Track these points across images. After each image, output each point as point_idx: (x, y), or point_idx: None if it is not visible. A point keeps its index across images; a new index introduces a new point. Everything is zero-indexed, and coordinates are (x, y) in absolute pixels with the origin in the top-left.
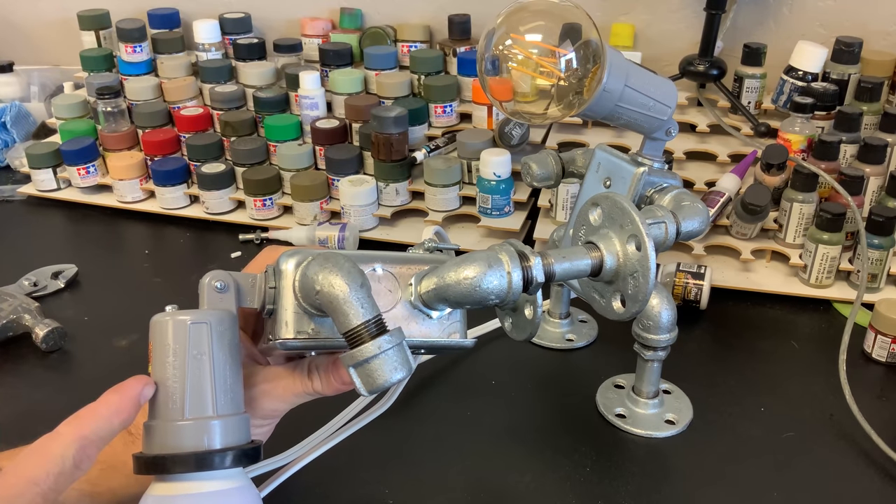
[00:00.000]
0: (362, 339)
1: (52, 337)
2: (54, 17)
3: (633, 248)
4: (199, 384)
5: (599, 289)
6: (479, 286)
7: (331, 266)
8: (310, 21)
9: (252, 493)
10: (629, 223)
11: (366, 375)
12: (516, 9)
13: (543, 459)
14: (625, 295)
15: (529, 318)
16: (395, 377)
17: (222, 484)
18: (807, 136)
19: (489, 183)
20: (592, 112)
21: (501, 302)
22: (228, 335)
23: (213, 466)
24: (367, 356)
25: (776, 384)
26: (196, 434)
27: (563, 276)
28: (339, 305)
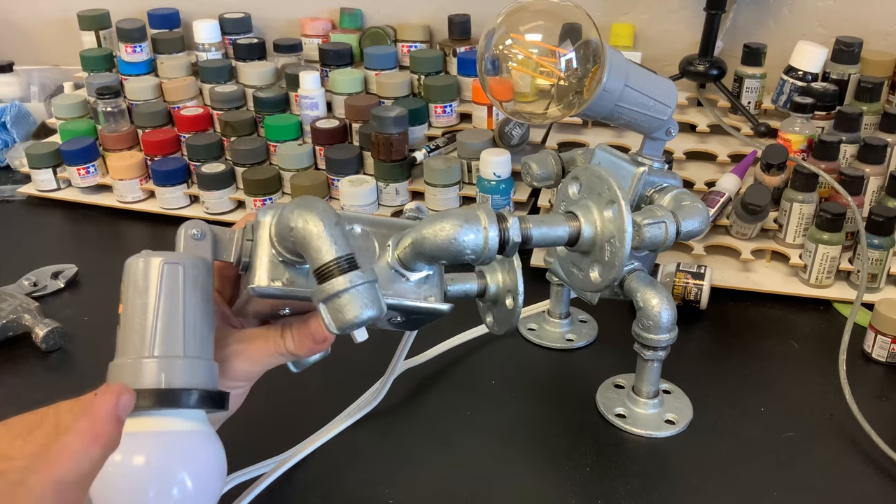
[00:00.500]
0: (333, 273)
1: (52, 337)
2: (54, 17)
3: (610, 213)
4: (168, 323)
5: (577, 261)
6: (455, 238)
7: (307, 204)
8: (310, 21)
9: (214, 442)
10: (607, 189)
11: (335, 311)
12: (516, 9)
13: (543, 459)
14: (601, 262)
15: (510, 309)
16: (366, 314)
17: (185, 425)
18: (807, 136)
19: (489, 183)
20: (592, 112)
21: (477, 258)
22: (202, 280)
23: (176, 404)
24: (338, 289)
25: (776, 384)
26: (162, 370)
27: (540, 241)
28: (312, 240)
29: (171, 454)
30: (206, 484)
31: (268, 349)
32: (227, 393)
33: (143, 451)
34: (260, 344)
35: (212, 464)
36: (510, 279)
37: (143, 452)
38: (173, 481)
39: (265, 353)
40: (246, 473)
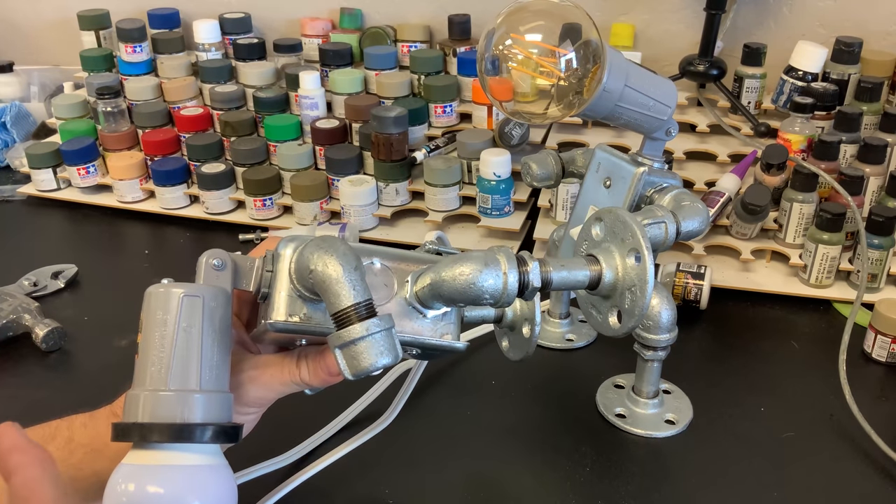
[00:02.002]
0: (350, 320)
1: (52, 337)
2: (54, 17)
3: (632, 261)
4: (185, 356)
5: (597, 304)
6: (474, 283)
7: (327, 247)
8: (310, 21)
9: (227, 475)
10: (630, 236)
11: (351, 357)
12: (516, 9)
13: (543, 459)
14: (621, 309)
15: (527, 338)
16: (381, 362)
17: (199, 459)
18: (807, 136)
19: (489, 183)
20: (592, 112)
21: (496, 303)
22: (220, 312)
23: (192, 439)
24: (354, 337)
25: (776, 384)
26: (177, 405)
27: (560, 285)
28: (331, 285)
29: (185, 487)
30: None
31: (282, 377)
32: (240, 426)
33: (157, 482)
34: (274, 371)
35: (223, 496)
36: (528, 308)
37: (158, 484)
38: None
39: (279, 380)
40: (247, 474)
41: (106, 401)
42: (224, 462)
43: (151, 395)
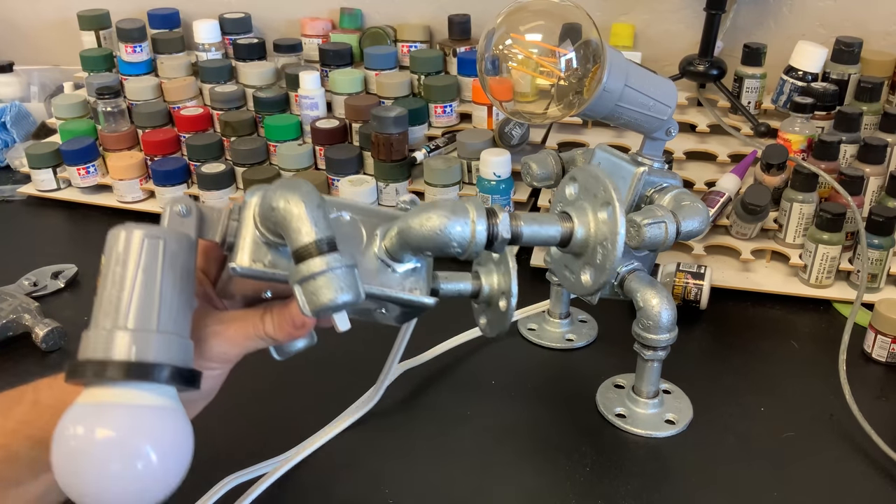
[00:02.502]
0: (311, 254)
1: (52, 337)
2: (54, 17)
3: (604, 215)
4: (145, 297)
5: (569, 263)
6: (441, 230)
7: (291, 185)
8: (310, 21)
9: (184, 421)
10: (602, 191)
11: (310, 293)
12: (516, 9)
13: (543, 459)
14: (593, 265)
15: (503, 311)
16: (341, 298)
17: (155, 400)
18: (807, 136)
19: (489, 183)
20: (592, 112)
21: (463, 252)
22: (182, 257)
23: (148, 377)
24: (314, 271)
25: (776, 384)
26: (134, 343)
27: (531, 240)
28: (292, 221)
29: (138, 428)
30: (172, 461)
31: (246, 331)
32: (199, 372)
33: (108, 423)
34: (239, 325)
35: (179, 441)
36: (504, 281)
37: (109, 425)
38: (138, 455)
39: (243, 335)
40: (247, 473)
41: None
42: (181, 407)
43: (108, 333)
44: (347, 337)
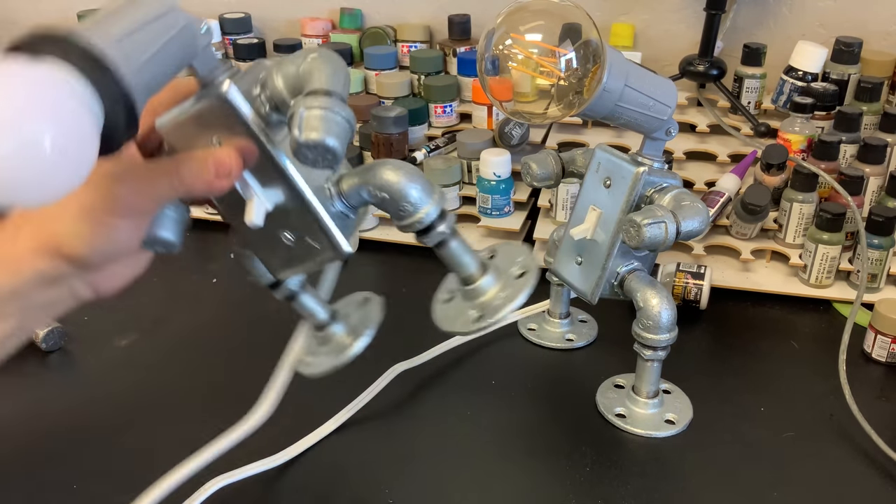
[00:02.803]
0: (326, 94)
1: (52, 337)
2: (54, 17)
3: (518, 277)
4: (129, 23)
5: (465, 298)
6: (409, 182)
7: (324, 51)
8: (310, 21)
9: (85, 108)
10: (521, 258)
11: (308, 120)
12: (516, 9)
13: (544, 459)
14: (484, 312)
15: (345, 350)
16: (329, 141)
17: (57, 74)
18: (807, 136)
19: (489, 183)
20: (592, 112)
21: (406, 217)
22: (184, 49)
23: (60, 52)
24: (323, 105)
25: (776, 384)
26: (84, 29)
27: (453, 252)
28: (316, 72)
29: (33, 102)
30: (74, 145)
31: (157, 177)
32: (124, 86)
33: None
34: (151, 170)
35: (82, 125)
36: (363, 323)
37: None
38: (30, 133)
39: (152, 180)
40: (243, 473)
41: (106, 400)
42: (92, 98)
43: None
44: None
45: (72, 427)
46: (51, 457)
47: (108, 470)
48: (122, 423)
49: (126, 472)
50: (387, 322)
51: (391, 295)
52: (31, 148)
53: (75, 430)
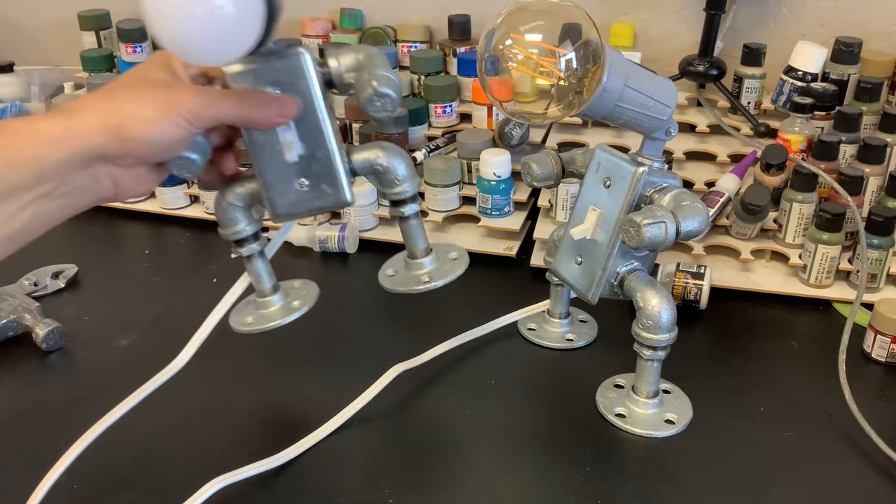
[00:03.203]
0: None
1: (53, 337)
2: (54, 17)
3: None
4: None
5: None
6: (394, 161)
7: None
8: (310, 21)
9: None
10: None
11: (376, 78)
12: (516, 9)
13: (543, 459)
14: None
15: (273, 312)
16: (389, 90)
17: None
18: (806, 136)
19: (489, 183)
20: (592, 112)
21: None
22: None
23: None
24: (389, 73)
25: (776, 384)
26: None
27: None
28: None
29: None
30: (249, 12)
31: (228, 95)
32: None
33: None
34: (223, 91)
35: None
36: (301, 294)
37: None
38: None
39: (223, 97)
40: (243, 473)
41: (106, 401)
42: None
43: None
44: (345, 337)
45: (72, 427)
46: (51, 457)
47: (109, 470)
48: (122, 422)
49: (126, 471)
50: (387, 322)
51: (391, 295)
52: (218, 11)
53: (75, 429)
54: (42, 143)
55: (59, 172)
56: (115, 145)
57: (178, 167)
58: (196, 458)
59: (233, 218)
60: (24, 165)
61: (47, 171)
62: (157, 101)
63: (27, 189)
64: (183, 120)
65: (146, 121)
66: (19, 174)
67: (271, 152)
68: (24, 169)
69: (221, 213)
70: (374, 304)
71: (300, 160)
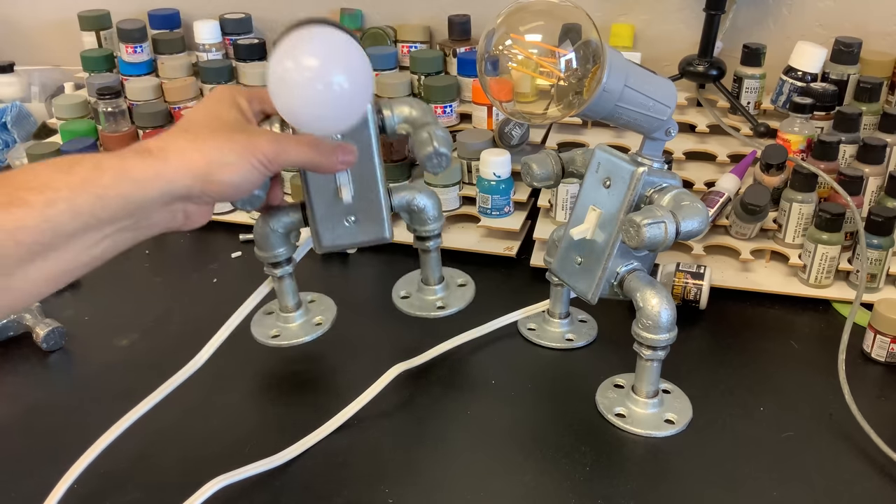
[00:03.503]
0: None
1: (53, 337)
2: (55, 18)
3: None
4: None
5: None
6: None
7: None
8: None
9: (364, 56)
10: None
11: (436, 134)
12: (516, 9)
13: (543, 459)
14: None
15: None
16: (443, 149)
17: (343, 36)
18: (806, 136)
19: (489, 183)
20: (592, 112)
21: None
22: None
23: (326, 22)
24: (443, 132)
25: (776, 384)
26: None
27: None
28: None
29: (334, 58)
30: (360, 86)
31: (300, 143)
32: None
33: (310, 51)
34: (295, 138)
35: (365, 71)
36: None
37: (312, 54)
38: (334, 80)
39: (296, 144)
40: (243, 473)
41: (106, 401)
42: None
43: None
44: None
45: (72, 427)
46: (51, 457)
47: (109, 470)
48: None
49: (126, 471)
50: (387, 322)
51: (390, 295)
52: (337, 87)
53: (75, 429)
54: (131, 181)
55: (143, 209)
56: (198, 188)
57: (244, 203)
58: (196, 458)
59: (273, 243)
60: (113, 201)
61: (133, 207)
62: (238, 146)
63: (111, 223)
64: (261, 165)
65: (229, 165)
66: (106, 209)
67: (326, 191)
68: (113, 205)
69: (263, 238)
70: (373, 304)
71: (351, 199)
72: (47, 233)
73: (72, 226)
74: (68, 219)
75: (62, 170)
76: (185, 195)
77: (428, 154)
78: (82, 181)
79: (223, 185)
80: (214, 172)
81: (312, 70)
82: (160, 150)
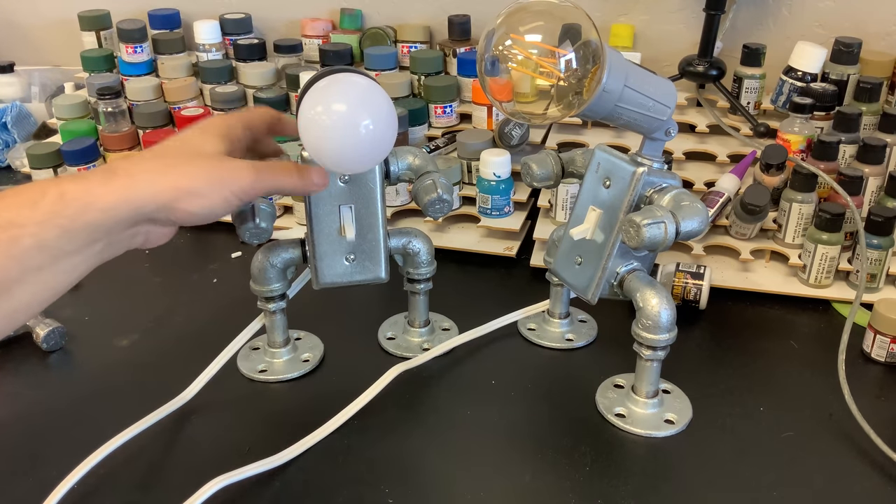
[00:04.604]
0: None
1: (53, 337)
2: (55, 18)
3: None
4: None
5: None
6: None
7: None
8: (310, 22)
9: (388, 98)
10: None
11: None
12: (516, 9)
13: (543, 459)
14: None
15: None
16: (445, 195)
17: (367, 81)
18: (806, 136)
19: (489, 183)
20: (592, 112)
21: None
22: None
23: (351, 71)
24: (445, 181)
25: (776, 384)
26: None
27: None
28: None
29: (361, 102)
30: (386, 128)
31: (276, 171)
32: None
33: (340, 100)
34: (272, 165)
35: (390, 113)
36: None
37: (340, 100)
38: (362, 123)
39: (278, 172)
40: (243, 473)
41: (106, 401)
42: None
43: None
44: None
45: (72, 427)
46: (51, 457)
47: (109, 470)
48: (122, 423)
49: (126, 472)
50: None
51: (391, 295)
52: (364, 130)
53: (76, 429)
54: (97, 209)
55: (108, 234)
56: (163, 213)
57: (251, 236)
58: (196, 458)
59: (269, 278)
60: (80, 233)
61: (99, 234)
62: (212, 179)
63: (78, 252)
64: (234, 197)
65: (198, 196)
66: (73, 241)
67: (329, 229)
68: (80, 236)
69: (260, 273)
70: (372, 304)
71: (354, 237)
72: (13, 269)
73: (38, 260)
74: (35, 253)
75: (26, 205)
76: (150, 219)
77: (432, 199)
78: (47, 215)
79: (189, 213)
80: (182, 199)
81: (341, 115)
82: (127, 174)
